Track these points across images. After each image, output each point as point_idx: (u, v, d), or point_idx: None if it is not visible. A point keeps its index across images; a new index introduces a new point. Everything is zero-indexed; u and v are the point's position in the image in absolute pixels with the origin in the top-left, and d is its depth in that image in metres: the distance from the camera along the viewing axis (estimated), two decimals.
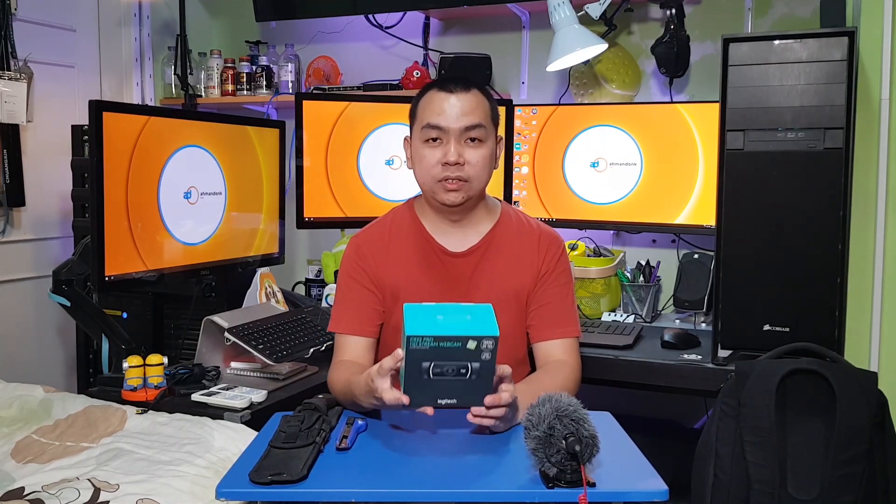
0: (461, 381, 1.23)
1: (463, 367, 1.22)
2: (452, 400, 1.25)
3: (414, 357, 1.21)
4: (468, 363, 1.22)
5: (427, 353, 1.20)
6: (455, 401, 1.26)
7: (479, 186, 1.61)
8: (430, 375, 1.22)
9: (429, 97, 1.60)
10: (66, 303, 1.91)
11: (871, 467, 1.49)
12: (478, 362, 1.22)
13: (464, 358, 1.21)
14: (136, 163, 1.93)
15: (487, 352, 1.21)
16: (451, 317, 1.23)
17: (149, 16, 3.01)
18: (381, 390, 1.30)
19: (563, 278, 1.67)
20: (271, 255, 2.46)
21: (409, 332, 1.19)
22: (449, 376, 1.22)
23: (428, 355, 1.20)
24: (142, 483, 1.34)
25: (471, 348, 1.20)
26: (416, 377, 1.22)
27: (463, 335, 1.20)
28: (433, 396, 1.25)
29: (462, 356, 1.21)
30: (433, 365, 1.21)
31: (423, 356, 1.21)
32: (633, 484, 1.18)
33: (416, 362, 1.21)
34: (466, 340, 1.20)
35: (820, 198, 1.78)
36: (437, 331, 1.20)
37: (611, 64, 2.61)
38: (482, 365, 1.22)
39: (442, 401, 1.25)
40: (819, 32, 1.82)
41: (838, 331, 1.79)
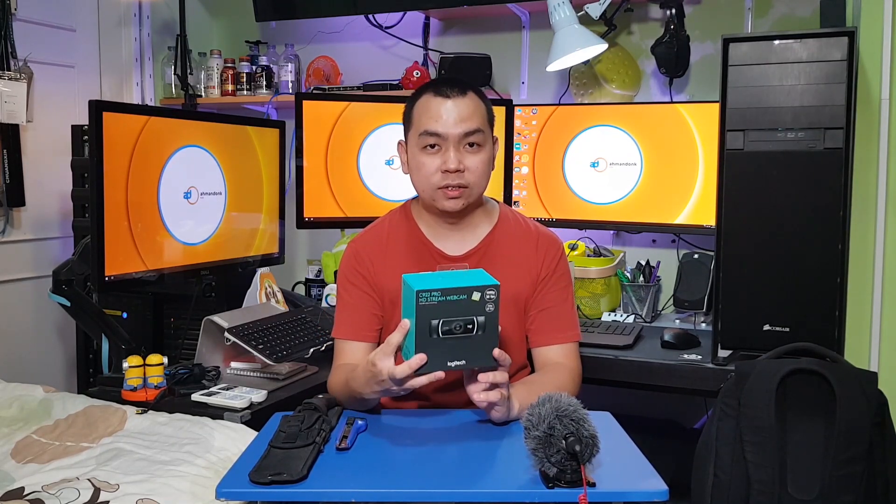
0: (468, 340, 1.28)
1: (469, 323, 1.27)
2: (461, 361, 1.30)
3: (423, 314, 1.25)
4: (474, 317, 1.27)
5: (435, 308, 1.25)
6: (464, 361, 1.30)
7: (478, 192, 1.60)
8: (439, 334, 1.26)
9: (425, 102, 1.58)
10: (66, 303, 1.91)
11: (871, 467, 1.49)
12: (483, 315, 1.27)
13: (470, 311, 1.27)
14: (136, 163, 1.93)
15: (491, 303, 1.27)
16: (450, 276, 1.31)
17: (149, 16, 3.01)
18: (389, 369, 1.31)
19: (562, 282, 1.66)
20: (271, 255, 2.46)
21: (416, 287, 1.24)
22: (457, 334, 1.27)
23: (436, 312, 1.25)
24: (142, 483, 1.34)
25: (475, 300, 1.26)
26: (426, 337, 1.26)
27: (467, 286, 1.26)
28: (443, 359, 1.28)
29: (468, 310, 1.27)
30: (441, 322, 1.26)
31: (431, 313, 1.25)
32: (633, 484, 1.18)
33: (425, 320, 1.26)
34: (471, 292, 1.26)
35: (820, 198, 1.78)
36: (442, 284, 1.26)
37: (611, 64, 2.61)
38: (487, 318, 1.28)
39: (451, 363, 1.29)
40: (819, 32, 1.82)
41: (838, 331, 1.79)
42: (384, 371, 1.32)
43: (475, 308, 1.27)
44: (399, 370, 1.29)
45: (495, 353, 1.31)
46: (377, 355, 1.34)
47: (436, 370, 1.29)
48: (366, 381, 1.38)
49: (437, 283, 1.27)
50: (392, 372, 1.30)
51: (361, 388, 1.40)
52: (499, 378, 1.33)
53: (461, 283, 1.27)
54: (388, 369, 1.31)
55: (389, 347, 1.33)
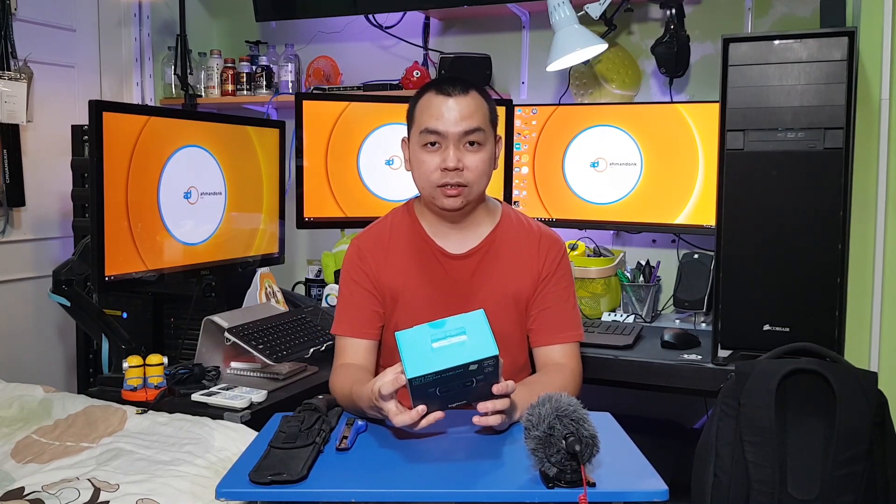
0: (468, 389, 1.27)
1: (468, 382, 1.26)
2: (462, 401, 1.30)
3: (418, 390, 1.24)
4: (473, 378, 1.25)
5: (431, 383, 1.23)
6: (464, 401, 1.30)
7: (478, 191, 1.60)
8: (437, 394, 1.26)
9: (426, 100, 1.59)
10: (66, 303, 1.91)
11: (871, 467, 1.49)
12: (481, 375, 1.26)
13: (467, 377, 1.25)
14: (136, 163, 1.93)
15: (489, 367, 1.25)
16: (446, 340, 1.24)
17: (149, 16, 3.01)
18: (390, 413, 1.29)
19: (564, 281, 1.66)
20: (271, 255, 2.46)
21: (409, 376, 1.21)
22: (455, 390, 1.26)
23: (432, 385, 1.24)
24: (142, 483, 1.34)
25: (473, 370, 1.23)
26: (424, 399, 1.26)
27: (463, 363, 1.22)
28: (443, 404, 1.29)
29: (465, 377, 1.24)
30: (438, 388, 1.25)
31: (427, 387, 1.24)
32: (633, 484, 1.18)
33: (421, 392, 1.25)
34: (468, 366, 1.22)
35: (820, 198, 1.78)
36: (436, 366, 1.21)
37: (611, 64, 2.61)
38: (486, 376, 1.26)
39: (451, 404, 1.30)
40: (819, 32, 1.82)
41: (838, 331, 1.79)
42: (386, 412, 1.30)
43: (473, 374, 1.24)
44: (400, 420, 1.27)
45: (495, 388, 1.28)
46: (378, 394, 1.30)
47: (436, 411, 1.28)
48: (369, 407, 1.37)
49: (430, 363, 1.21)
50: (392, 420, 1.29)
51: (367, 410, 1.40)
52: (498, 406, 1.30)
53: (457, 361, 1.21)
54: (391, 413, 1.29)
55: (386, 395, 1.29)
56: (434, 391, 1.25)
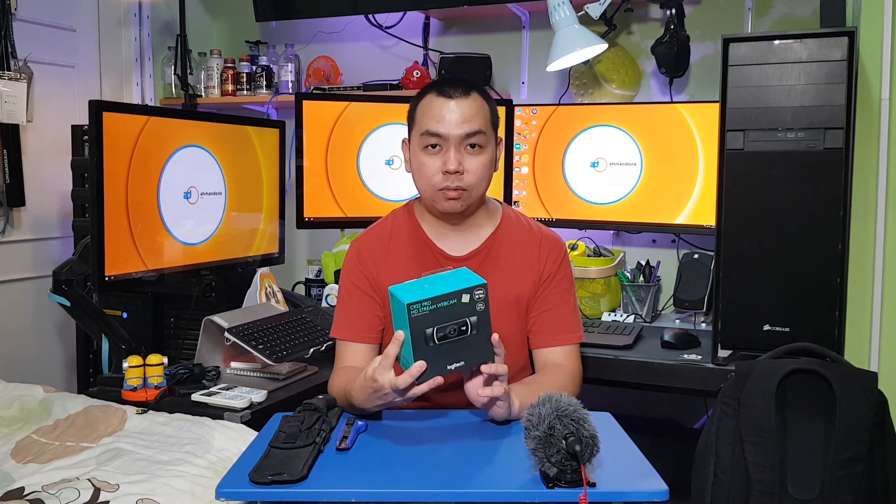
0: (464, 341, 1.29)
1: (463, 325, 1.29)
2: (460, 362, 1.31)
3: (417, 326, 1.26)
4: (467, 319, 1.29)
5: (427, 317, 1.26)
6: (463, 362, 1.31)
7: (478, 193, 1.60)
8: (435, 341, 1.27)
9: (427, 102, 1.58)
10: (66, 303, 1.91)
11: (871, 467, 1.49)
12: (475, 315, 1.29)
13: (462, 314, 1.28)
14: (136, 163, 1.93)
15: (481, 302, 1.29)
16: (435, 282, 1.31)
17: (149, 16, 3.01)
18: (391, 381, 1.31)
19: (564, 283, 1.66)
20: (271, 255, 2.46)
21: (406, 300, 1.25)
22: (452, 337, 1.28)
23: (429, 321, 1.26)
24: (142, 483, 1.34)
25: (465, 302, 1.28)
26: (422, 346, 1.27)
27: (455, 290, 1.28)
28: (442, 363, 1.29)
29: (460, 313, 1.28)
30: (436, 329, 1.27)
31: (424, 322, 1.26)
32: (633, 484, 1.18)
33: (419, 331, 1.26)
34: (460, 295, 1.28)
35: (820, 198, 1.78)
36: (431, 293, 1.27)
37: (611, 64, 2.61)
38: (479, 317, 1.30)
39: (451, 366, 1.30)
40: (819, 32, 1.82)
41: (838, 331, 1.79)
42: (386, 384, 1.31)
43: (466, 310, 1.29)
44: (401, 380, 1.29)
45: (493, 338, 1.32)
46: (377, 370, 1.33)
47: (435, 375, 1.29)
48: (366, 396, 1.38)
49: (425, 293, 1.27)
50: (394, 383, 1.30)
51: (363, 403, 1.40)
52: (500, 370, 1.33)
53: (449, 289, 1.28)
54: (390, 381, 1.31)
55: (388, 360, 1.32)
56: (432, 335, 1.27)
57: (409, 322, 1.25)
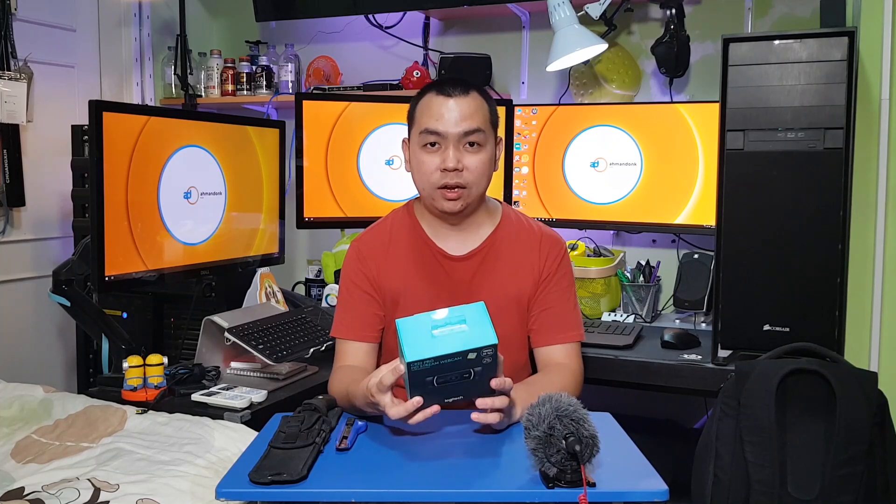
0: (465, 382, 1.27)
1: (466, 373, 1.26)
2: (459, 397, 1.30)
3: (416, 378, 1.24)
4: (470, 369, 1.25)
5: (429, 371, 1.23)
6: (461, 397, 1.30)
7: (478, 192, 1.60)
8: (434, 385, 1.25)
9: (427, 101, 1.59)
10: (66, 303, 1.91)
11: (871, 467, 1.49)
12: (479, 367, 1.26)
13: (465, 367, 1.24)
14: (136, 163, 1.93)
15: (488, 357, 1.25)
16: (447, 328, 1.25)
17: (149, 16, 3.01)
18: (385, 406, 1.30)
19: (564, 282, 1.66)
20: (271, 255, 2.46)
21: (408, 359, 1.21)
22: (453, 382, 1.26)
23: (430, 372, 1.23)
24: (142, 483, 1.34)
25: (471, 358, 1.23)
26: (421, 389, 1.26)
27: (462, 350, 1.22)
28: (440, 398, 1.28)
29: (463, 366, 1.24)
30: (436, 378, 1.25)
31: (425, 374, 1.23)
32: (633, 484, 1.18)
33: (419, 380, 1.24)
34: (466, 354, 1.23)
35: (820, 198, 1.78)
36: (435, 351, 1.22)
37: (611, 64, 2.61)
38: (484, 368, 1.26)
39: (449, 399, 1.29)
40: (819, 32, 1.82)
41: (838, 331, 1.79)
42: (382, 406, 1.31)
43: (471, 363, 1.25)
44: (395, 413, 1.28)
45: (493, 383, 1.28)
46: (375, 387, 1.32)
47: (432, 405, 1.27)
48: (364, 403, 1.37)
49: (429, 348, 1.22)
50: (389, 412, 1.29)
51: (363, 408, 1.40)
52: (497, 404, 1.30)
53: (456, 348, 1.22)
54: (387, 407, 1.30)
55: (383, 387, 1.30)
56: (431, 381, 1.24)
57: (409, 376, 1.23)
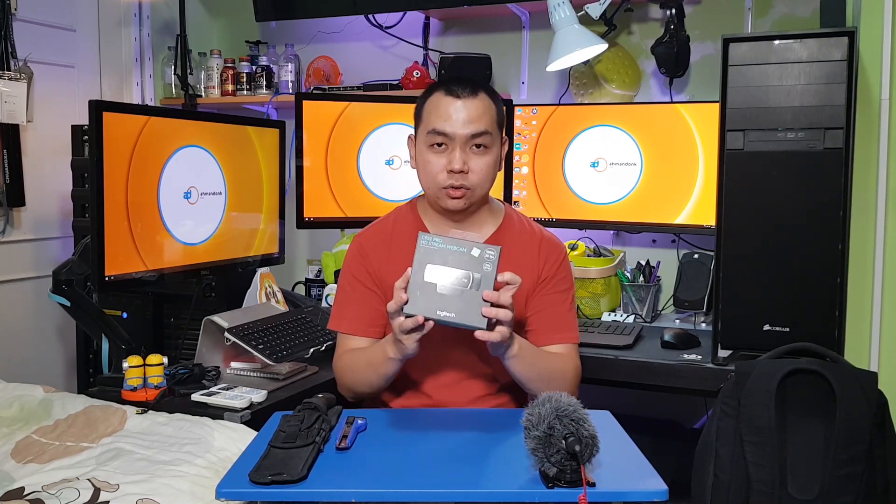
0: (460, 294, 1.29)
1: (465, 276, 1.29)
2: (451, 313, 1.30)
3: (421, 256, 1.28)
4: (470, 272, 1.29)
5: (434, 252, 1.28)
6: (453, 314, 1.30)
7: (482, 193, 1.60)
8: (435, 290, 1.28)
9: (435, 100, 1.59)
10: (66, 303, 1.91)
11: (871, 467, 1.49)
12: (479, 273, 1.29)
13: (467, 266, 1.29)
14: (136, 163, 1.93)
15: (489, 262, 1.30)
16: None
17: (149, 16, 3.01)
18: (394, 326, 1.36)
19: (563, 285, 1.66)
20: (271, 255, 2.46)
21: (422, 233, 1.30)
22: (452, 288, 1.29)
23: (434, 256, 1.28)
24: (142, 483, 1.34)
25: (475, 255, 1.29)
26: (420, 280, 1.29)
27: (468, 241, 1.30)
28: (432, 306, 1.29)
29: (465, 263, 1.29)
30: (438, 266, 1.28)
31: (429, 256, 1.28)
32: (633, 484, 1.18)
33: (422, 262, 1.28)
34: (471, 246, 1.30)
35: (820, 198, 1.78)
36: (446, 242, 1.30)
37: (611, 64, 2.61)
38: (482, 276, 1.30)
39: (441, 312, 1.30)
40: (819, 32, 1.82)
41: (838, 331, 1.79)
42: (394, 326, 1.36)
43: (473, 264, 1.30)
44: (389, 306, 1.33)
45: (484, 310, 1.32)
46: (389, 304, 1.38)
47: (425, 314, 1.30)
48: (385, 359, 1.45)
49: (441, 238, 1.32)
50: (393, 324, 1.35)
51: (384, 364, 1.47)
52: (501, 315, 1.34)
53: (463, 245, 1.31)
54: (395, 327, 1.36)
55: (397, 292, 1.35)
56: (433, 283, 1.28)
57: (416, 251, 1.28)
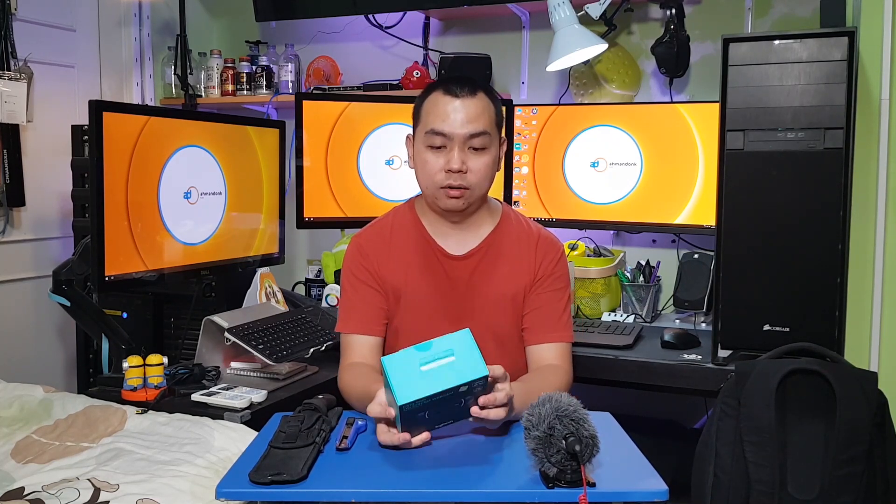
0: (457, 408, 1.27)
1: (457, 403, 1.25)
2: (450, 421, 1.29)
3: (408, 415, 1.22)
4: (462, 399, 1.25)
5: (420, 408, 1.22)
6: (452, 420, 1.29)
7: (480, 193, 1.60)
8: (426, 417, 1.25)
9: (433, 100, 1.58)
10: (66, 303, 1.91)
11: (871, 467, 1.49)
12: (470, 396, 1.25)
13: (456, 399, 1.24)
14: (136, 163, 1.93)
15: (479, 387, 1.25)
16: (435, 363, 1.22)
17: (149, 16, 3.01)
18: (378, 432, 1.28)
19: (558, 283, 1.66)
20: (271, 255, 2.46)
21: (400, 402, 1.19)
22: (444, 411, 1.25)
23: (422, 409, 1.22)
24: (142, 483, 1.34)
25: (463, 391, 1.23)
26: (412, 422, 1.25)
27: (454, 385, 1.21)
28: (431, 424, 1.27)
29: (455, 399, 1.23)
30: (427, 413, 1.24)
31: (416, 412, 1.22)
32: (633, 484, 1.18)
33: (411, 416, 1.23)
34: (458, 388, 1.21)
35: (820, 198, 1.78)
36: (427, 390, 1.20)
37: (611, 64, 2.61)
38: (475, 397, 1.26)
39: (440, 425, 1.28)
40: (819, 32, 1.82)
41: (838, 331, 1.79)
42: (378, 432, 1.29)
43: (463, 394, 1.24)
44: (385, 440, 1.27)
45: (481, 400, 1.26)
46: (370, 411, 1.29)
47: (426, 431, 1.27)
48: None
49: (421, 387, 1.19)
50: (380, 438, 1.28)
51: None
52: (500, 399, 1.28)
53: (447, 385, 1.20)
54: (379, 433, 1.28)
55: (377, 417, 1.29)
56: (423, 415, 1.24)
57: (400, 414, 1.21)
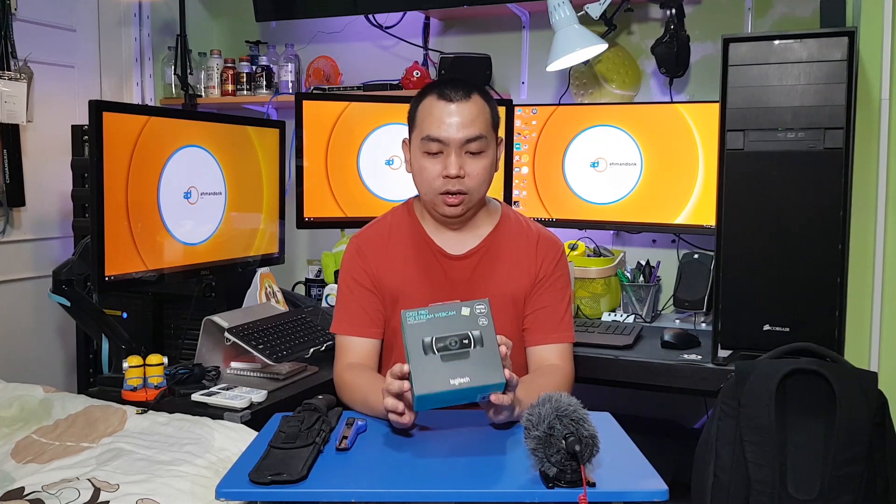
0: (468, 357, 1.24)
1: (465, 338, 1.25)
2: (465, 378, 1.24)
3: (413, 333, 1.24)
4: (468, 331, 1.25)
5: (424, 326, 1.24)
6: (468, 378, 1.24)
7: (479, 196, 1.60)
8: (434, 351, 1.24)
9: (428, 105, 1.57)
10: (66, 303, 1.91)
11: (871, 467, 1.49)
12: (477, 329, 1.25)
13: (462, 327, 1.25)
14: (136, 163, 1.93)
15: (483, 316, 1.26)
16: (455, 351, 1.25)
17: (149, 16, 3.01)
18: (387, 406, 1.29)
19: (559, 283, 1.66)
20: (271, 255, 2.46)
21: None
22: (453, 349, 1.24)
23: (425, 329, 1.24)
24: (142, 483, 1.34)
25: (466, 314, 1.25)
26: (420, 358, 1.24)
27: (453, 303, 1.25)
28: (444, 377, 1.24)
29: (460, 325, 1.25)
30: (434, 339, 1.24)
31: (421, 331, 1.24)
32: (633, 484, 1.18)
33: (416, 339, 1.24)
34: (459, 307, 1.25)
35: (820, 198, 1.78)
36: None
37: (611, 64, 2.61)
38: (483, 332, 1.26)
39: (455, 380, 1.24)
40: (819, 32, 1.82)
41: (838, 331, 1.79)
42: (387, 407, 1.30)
43: (468, 323, 1.24)
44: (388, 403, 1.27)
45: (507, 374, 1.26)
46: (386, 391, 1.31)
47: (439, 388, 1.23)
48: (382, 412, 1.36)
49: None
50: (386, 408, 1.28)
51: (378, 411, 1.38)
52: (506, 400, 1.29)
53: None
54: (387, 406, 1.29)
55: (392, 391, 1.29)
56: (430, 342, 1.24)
57: (405, 330, 1.22)
